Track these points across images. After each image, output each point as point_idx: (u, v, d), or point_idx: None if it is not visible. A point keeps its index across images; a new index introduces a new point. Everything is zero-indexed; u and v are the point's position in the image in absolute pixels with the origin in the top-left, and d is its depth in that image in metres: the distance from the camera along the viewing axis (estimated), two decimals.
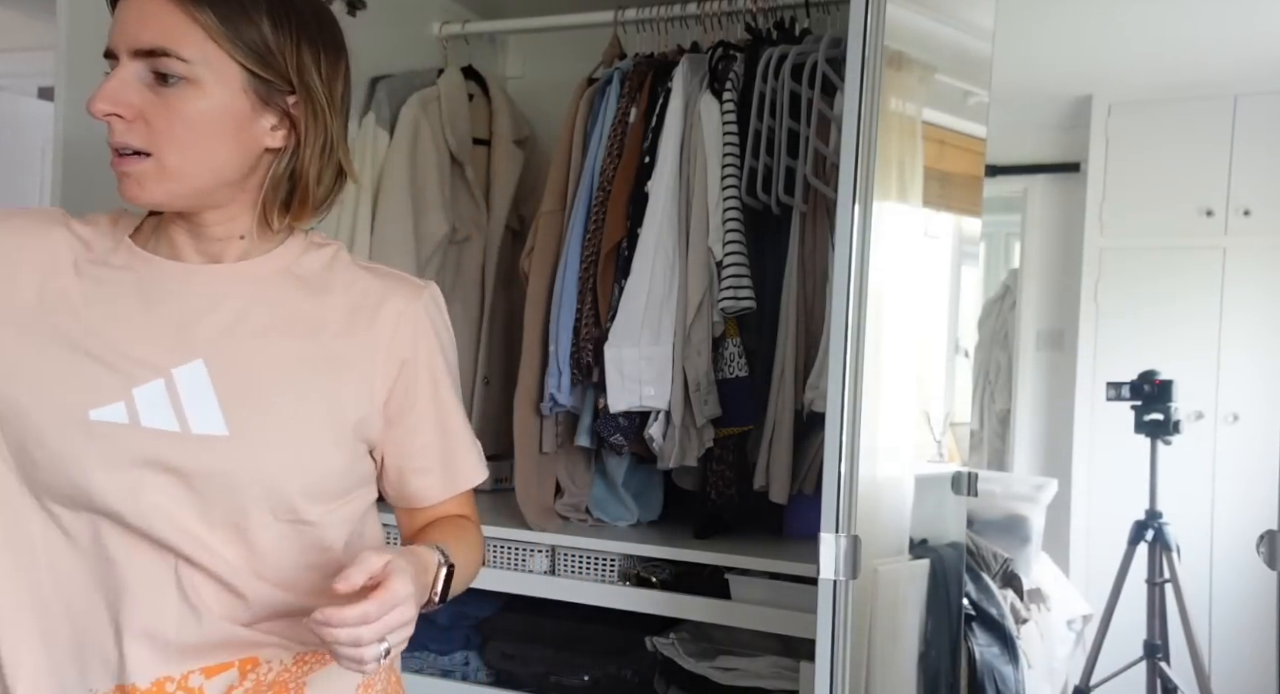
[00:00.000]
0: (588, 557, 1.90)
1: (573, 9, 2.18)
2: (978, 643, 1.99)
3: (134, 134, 0.95)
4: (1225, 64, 3.15)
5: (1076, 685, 2.88)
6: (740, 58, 1.92)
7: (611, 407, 1.85)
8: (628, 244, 1.90)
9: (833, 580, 1.27)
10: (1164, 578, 2.85)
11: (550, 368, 1.93)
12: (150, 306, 0.97)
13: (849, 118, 1.32)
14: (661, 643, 1.90)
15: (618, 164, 1.94)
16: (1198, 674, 2.80)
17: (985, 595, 2.11)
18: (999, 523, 2.71)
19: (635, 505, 2.02)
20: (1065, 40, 2.98)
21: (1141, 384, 2.86)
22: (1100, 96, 3.56)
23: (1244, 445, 3.35)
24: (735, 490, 1.89)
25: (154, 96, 0.94)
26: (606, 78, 2.02)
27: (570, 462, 2.04)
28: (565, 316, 1.93)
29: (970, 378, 3.70)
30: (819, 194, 1.81)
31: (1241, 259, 3.39)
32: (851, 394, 1.30)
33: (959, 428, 2.66)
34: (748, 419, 1.87)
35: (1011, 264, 4.11)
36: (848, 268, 1.30)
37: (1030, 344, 3.84)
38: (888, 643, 1.55)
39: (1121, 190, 3.56)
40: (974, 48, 1.87)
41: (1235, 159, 3.39)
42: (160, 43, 0.93)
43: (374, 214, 2.06)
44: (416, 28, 2.31)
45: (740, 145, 1.85)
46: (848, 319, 1.30)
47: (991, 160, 2.47)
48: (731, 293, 1.79)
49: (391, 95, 2.10)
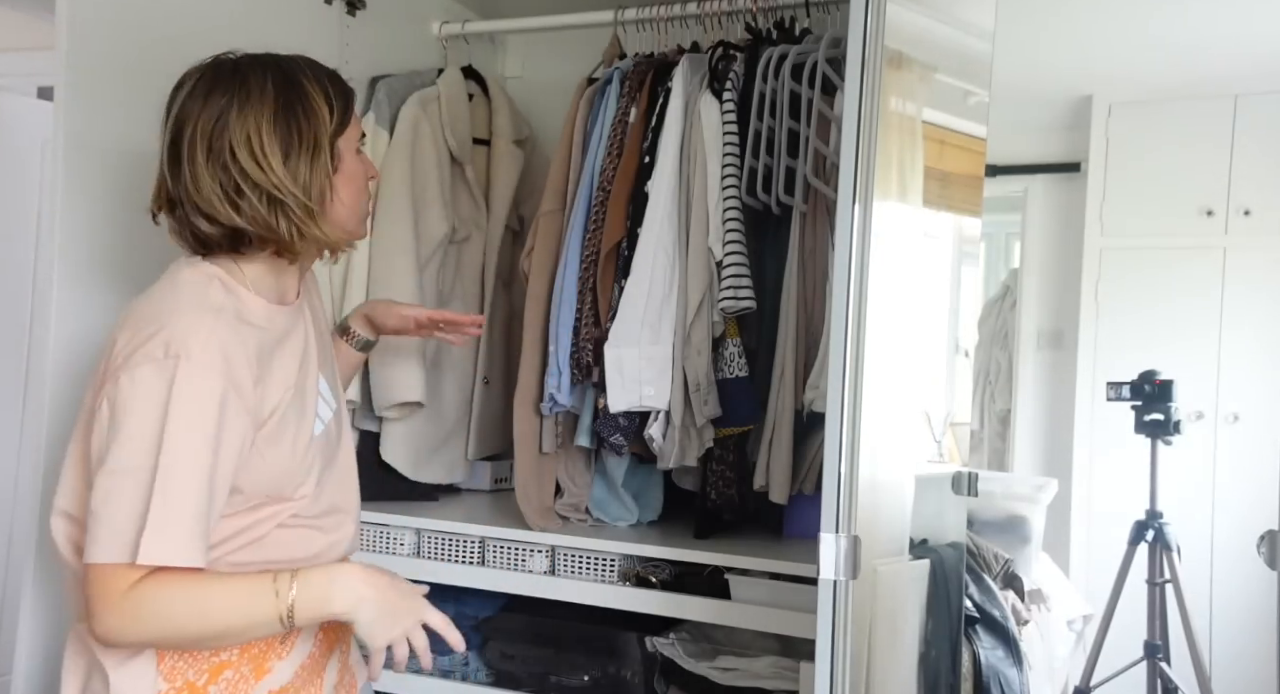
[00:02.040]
0: (587, 557, 1.90)
1: (573, 9, 2.18)
2: (982, 645, 1.99)
3: None
4: (1225, 64, 3.15)
5: (1077, 686, 2.89)
6: (740, 57, 1.92)
7: (611, 407, 1.85)
8: (628, 244, 1.90)
9: (833, 580, 1.27)
10: (1164, 578, 2.85)
11: (550, 368, 1.92)
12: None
13: (849, 118, 1.32)
14: (661, 643, 1.90)
15: (618, 164, 1.93)
16: (1198, 674, 2.80)
17: (988, 597, 2.11)
18: (999, 523, 2.71)
19: (635, 505, 2.02)
20: (1065, 40, 2.98)
21: (1142, 384, 2.86)
22: (1100, 96, 3.56)
23: (1244, 445, 3.35)
24: (735, 490, 1.89)
25: None
26: (606, 77, 2.02)
27: (570, 462, 2.04)
28: (565, 316, 1.93)
29: (970, 378, 3.71)
30: (819, 194, 1.81)
31: (1241, 259, 3.40)
32: (851, 394, 1.29)
33: (959, 428, 2.66)
34: (748, 419, 1.86)
35: (1011, 264, 4.11)
36: (848, 268, 1.30)
37: (1030, 344, 3.85)
38: (888, 643, 1.55)
39: (1121, 190, 3.56)
40: (974, 48, 1.87)
41: (1235, 159, 3.39)
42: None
43: (373, 214, 2.06)
44: (416, 28, 2.32)
45: (740, 145, 1.84)
46: (848, 319, 1.30)
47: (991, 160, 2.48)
48: (731, 293, 1.79)
49: (391, 95, 2.10)
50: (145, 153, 1.63)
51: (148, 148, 1.63)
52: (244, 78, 1.18)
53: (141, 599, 1.06)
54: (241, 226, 1.17)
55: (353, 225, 1.31)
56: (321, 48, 2.02)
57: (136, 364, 1.08)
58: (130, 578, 1.05)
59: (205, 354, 1.09)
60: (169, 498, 1.06)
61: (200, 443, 1.08)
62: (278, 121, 1.17)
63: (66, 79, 1.52)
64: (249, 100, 1.16)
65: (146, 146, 1.63)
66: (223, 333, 1.12)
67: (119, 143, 1.59)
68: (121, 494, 1.06)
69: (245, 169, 1.15)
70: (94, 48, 1.55)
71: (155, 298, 1.17)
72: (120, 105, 1.58)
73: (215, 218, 1.17)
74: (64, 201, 1.52)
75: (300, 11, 1.99)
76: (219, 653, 1.17)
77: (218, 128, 1.15)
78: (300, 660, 1.24)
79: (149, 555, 1.05)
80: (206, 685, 1.16)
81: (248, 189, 1.15)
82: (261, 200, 1.16)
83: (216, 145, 1.15)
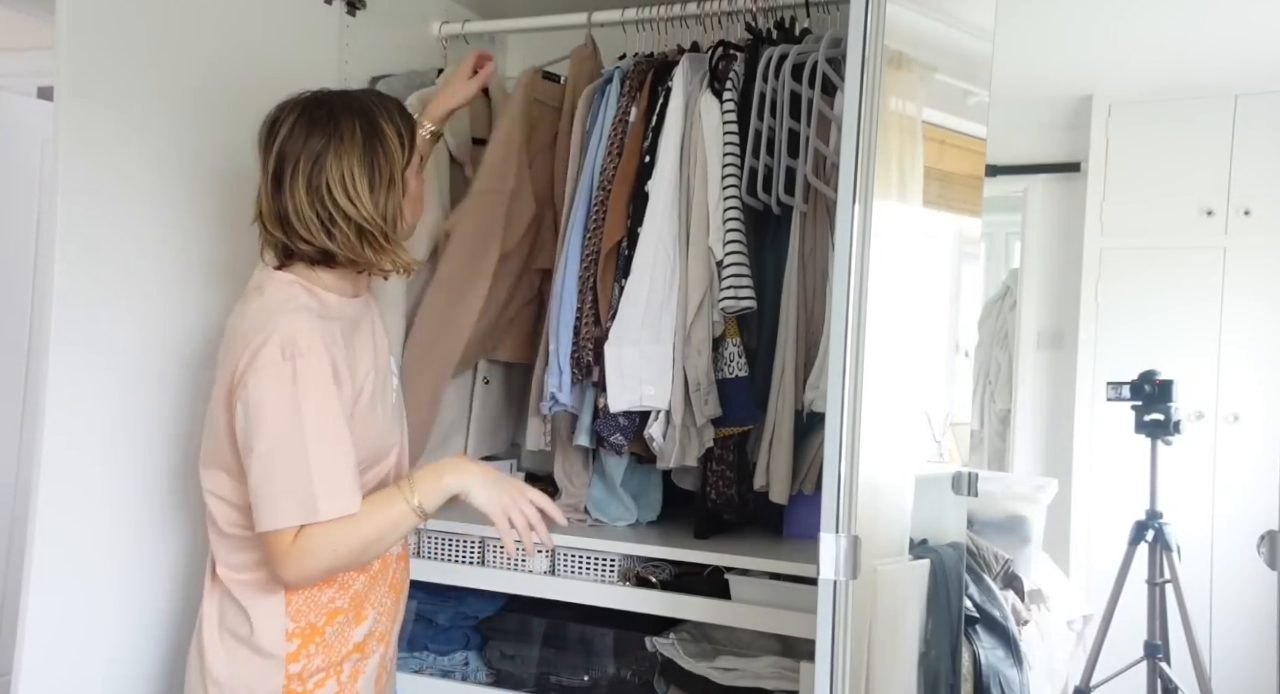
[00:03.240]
0: (587, 557, 1.90)
1: (573, 9, 2.18)
2: (982, 646, 1.99)
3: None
4: (1225, 64, 3.15)
5: (1077, 686, 2.88)
6: (740, 57, 1.92)
7: (611, 406, 1.85)
8: (628, 243, 1.90)
9: (833, 580, 1.27)
10: (1164, 578, 2.84)
11: (550, 367, 1.92)
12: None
13: (849, 118, 1.32)
14: (661, 643, 1.90)
15: (618, 163, 1.93)
16: (1198, 674, 2.80)
17: (988, 597, 2.11)
18: (999, 523, 2.70)
19: (634, 505, 2.02)
20: (1065, 40, 2.98)
21: (1142, 384, 2.86)
22: (1100, 96, 3.56)
23: (1244, 445, 3.36)
24: (735, 490, 1.89)
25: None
26: (606, 77, 2.02)
27: (568, 461, 2.04)
28: (565, 316, 1.93)
29: (970, 378, 3.71)
30: (819, 194, 1.81)
31: (1241, 259, 3.40)
32: (851, 394, 1.29)
33: (959, 428, 2.66)
34: (748, 419, 1.86)
35: (1011, 264, 4.12)
36: (848, 268, 1.30)
37: (1030, 344, 3.85)
38: (888, 643, 1.55)
39: (1121, 190, 3.56)
40: (974, 48, 1.87)
41: (1235, 159, 3.39)
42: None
43: None
44: (416, 28, 2.31)
45: (740, 145, 1.84)
46: (848, 319, 1.30)
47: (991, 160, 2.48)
48: (732, 292, 1.79)
49: (391, 95, 2.10)
50: (146, 153, 1.64)
51: (149, 148, 1.64)
52: (337, 122, 1.37)
53: (309, 546, 1.29)
54: (333, 250, 1.38)
55: (407, 238, 1.52)
56: (321, 48, 2.03)
57: (261, 368, 1.28)
58: (291, 534, 1.28)
59: (312, 347, 1.30)
60: (324, 462, 1.29)
61: (332, 415, 1.31)
62: (363, 162, 1.37)
63: (66, 79, 1.51)
64: (342, 144, 1.36)
65: (147, 147, 1.64)
66: (318, 326, 1.33)
67: (119, 143, 1.59)
68: (277, 469, 1.28)
69: (339, 204, 1.36)
70: (94, 48, 1.55)
71: (252, 310, 1.37)
72: (120, 105, 1.58)
73: (311, 241, 1.37)
74: (64, 201, 1.52)
75: (300, 11, 1.99)
76: (335, 599, 1.40)
77: (316, 168, 1.36)
78: (380, 611, 1.47)
79: (329, 511, 1.28)
80: (324, 626, 1.39)
81: (340, 220, 1.36)
82: (351, 229, 1.37)
83: (315, 182, 1.35)
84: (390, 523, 1.35)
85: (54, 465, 1.52)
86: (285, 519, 1.28)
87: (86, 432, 1.57)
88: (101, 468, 1.59)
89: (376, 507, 1.35)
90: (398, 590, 1.54)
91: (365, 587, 1.44)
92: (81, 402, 1.55)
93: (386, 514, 1.35)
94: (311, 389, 1.29)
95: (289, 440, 1.28)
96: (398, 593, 1.54)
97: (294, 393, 1.28)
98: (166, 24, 1.66)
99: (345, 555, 1.32)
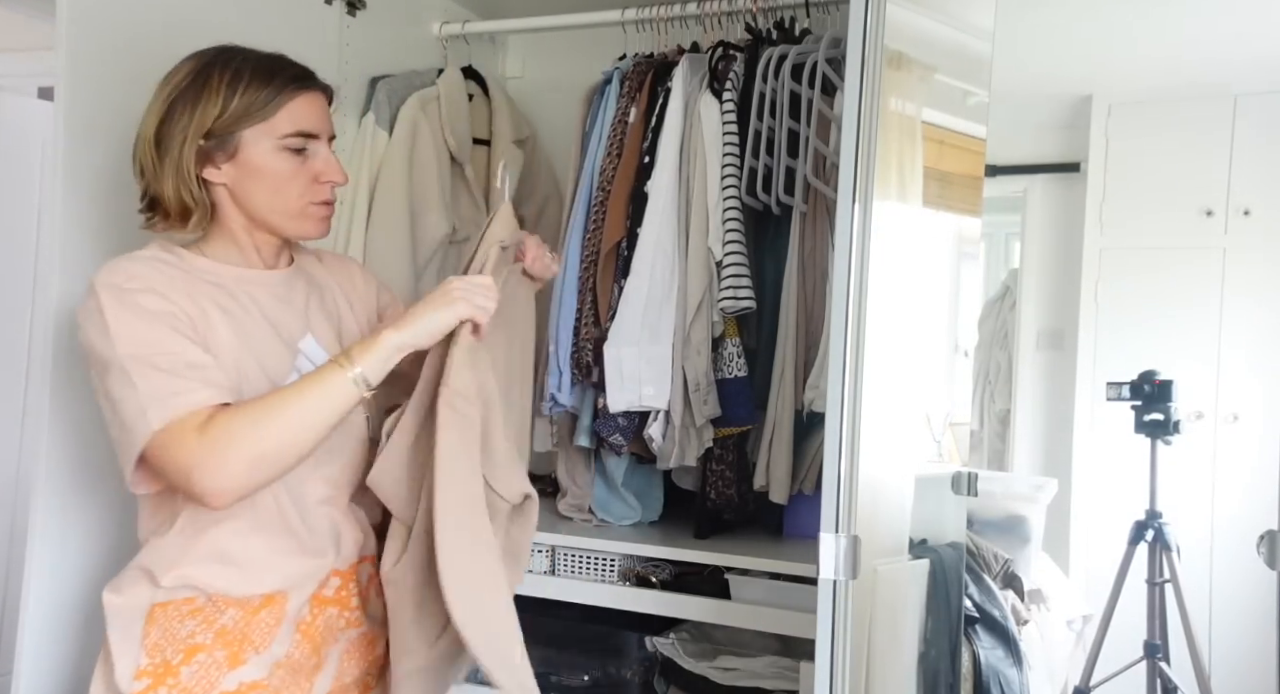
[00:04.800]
0: (588, 556, 1.90)
1: (573, 9, 2.18)
2: (981, 646, 1.99)
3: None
4: (1225, 64, 3.15)
5: (1076, 685, 2.88)
6: (740, 58, 1.92)
7: (611, 406, 1.85)
8: (627, 244, 1.90)
9: (833, 580, 1.27)
10: (1164, 578, 2.84)
11: (550, 368, 1.92)
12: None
13: (849, 118, 1.32)
14: (661, 643, 1.90)
15: (617, 164, 1.94)
16: (1198, 674, 2.80)
17: (988, 597, 2.11)
18: (999, 523, 2.71)
19: (638, 504, 2.02)
20: (1065, 40, 2.98)
21: (1141, 384, 2.86)
22: (1100, 96, 3.56)
23: (1244, 445, 3.35)
24: (735, 490, 1.89)
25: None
26: (606, 77, 2.02)
27: (570, 462, 2.04)
28: (565, 316, 1.93)
29: (970, 378, 3.71)
30: (819, 194, 1.81)
31: (1241, 259, 3.39)
32: (851, 394, 1.29)
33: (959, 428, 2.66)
34: (747, 419, 1.87)
35: (1011, 264, 4.11)
36: (848, 268, 1.30)
37: (1030, 344, 3.85)
38: (888, 643, 1.55)
39: (1121, 190, 3.56)
40: (974, 48, 1.87)
41: (1235, 159, 3.39)
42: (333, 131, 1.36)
43: (369, 214, 2.05)
44: (416, 28, 2.31)
45: (740, 145, 1.84)
46: (848, 319, 1.30)
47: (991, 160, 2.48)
48: (731, 293, 1.79)
49: (391, 95, 2.10)
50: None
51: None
52: (179, 66, 1.32)
53: (216, 433, 1.12)
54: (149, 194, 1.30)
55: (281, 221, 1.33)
56: (321, 48, 2.03)
57: (77, 324, 1.19)
58: (188, 428, 1.12)
59: (113, 277, 1.19)
60: (145, 372, 1.14)
61: (145, 325, 1.16)
62: (167, 99, 1.29)
63: (66, 79, 1.52)
64: (167, 83, 1.31)
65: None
66: (136, 266, 1.21)
67: (119, 143, 1.59)
68: (115, 393, 1.15)
69: (138, 133, 1.31)
70: (94, 48, 1.55)
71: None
72: (120, 105, 1.58)
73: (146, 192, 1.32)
74: (64, 201, 1.52)
75: (300, 11, 1.99)
76: (196, 633, 1.21)
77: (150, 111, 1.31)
78: (276, 659, 1.25)
79: (166, 415, 1.12)
80: (180, 665, 1.20)
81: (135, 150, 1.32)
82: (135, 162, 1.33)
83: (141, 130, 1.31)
84: (321, 394, 1.17)
85: (54, 465, 1.52)
86: (137, 438, 1.13)
87: (86, 431, 1.57)
88: (102, 467, 1.59)
89: (305, 380, 1.19)
90: (315, 642, 1.28)
91: (240, 624, 1.23)
92: (81, 401, 1.55)
93: (317, 385, 1.17)
94: (117, 307, 1.16)
95: (109, 364, 1.15)
96: (315, 645, 1.28)
97: (103, 320, 1.16)
98: (166, 24, 1.66)
99: (274, 439, 1.14)
